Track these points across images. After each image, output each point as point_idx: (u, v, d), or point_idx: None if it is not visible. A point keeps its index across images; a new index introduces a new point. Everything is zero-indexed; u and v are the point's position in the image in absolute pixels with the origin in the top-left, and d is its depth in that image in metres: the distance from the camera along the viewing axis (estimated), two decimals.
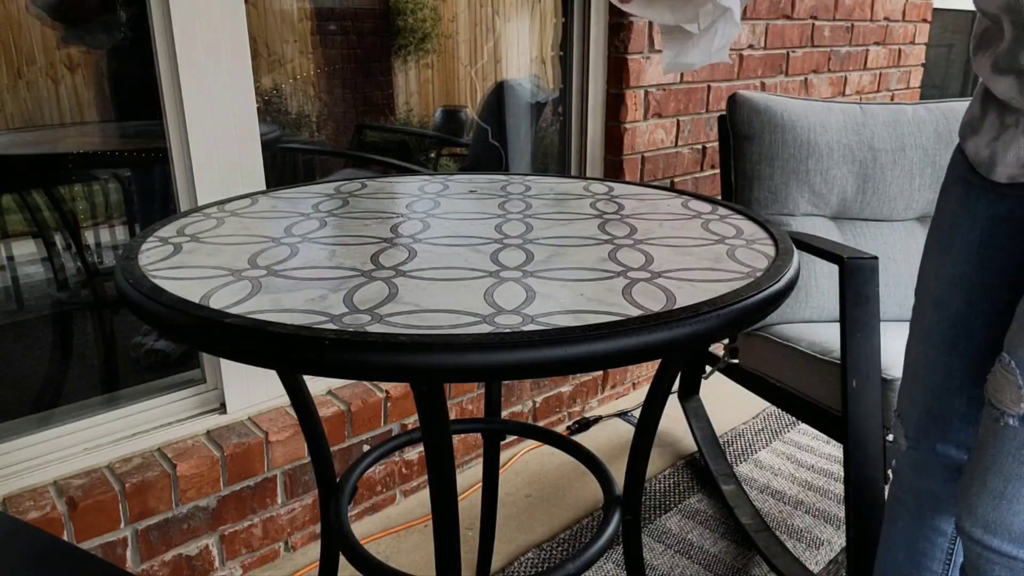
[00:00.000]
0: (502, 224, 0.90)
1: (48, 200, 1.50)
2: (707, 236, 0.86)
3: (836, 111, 1.68)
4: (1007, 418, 0.75)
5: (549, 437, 1.21)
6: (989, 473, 0.77)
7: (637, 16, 0.81)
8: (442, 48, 2.05)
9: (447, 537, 0.80)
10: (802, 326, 1.58)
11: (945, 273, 0.90)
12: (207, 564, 1.45)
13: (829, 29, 2.52)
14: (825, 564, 1.54)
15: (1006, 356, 0.76)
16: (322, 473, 1.07)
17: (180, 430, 1.45)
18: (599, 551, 0.95)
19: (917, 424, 0.96)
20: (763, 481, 1.83)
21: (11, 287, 1.48)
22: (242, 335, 0.59)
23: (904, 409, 0.99)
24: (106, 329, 1.59)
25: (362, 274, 0.72)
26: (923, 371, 0.94)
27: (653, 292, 0.67)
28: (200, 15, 1.31)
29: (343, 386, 1.65)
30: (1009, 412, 0.75)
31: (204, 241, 0.82)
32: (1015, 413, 0.74)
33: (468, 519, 1.64)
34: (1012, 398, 0.74)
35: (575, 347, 0.58)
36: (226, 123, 1.39)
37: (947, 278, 0.90)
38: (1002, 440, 0.75)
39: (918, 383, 0.96)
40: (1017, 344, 0.75)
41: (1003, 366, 0.76)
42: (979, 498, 0.78)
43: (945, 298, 0.90)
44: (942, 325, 0.91)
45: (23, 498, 1.26)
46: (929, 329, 0.93)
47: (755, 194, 1.65)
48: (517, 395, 1.95)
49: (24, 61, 1.36)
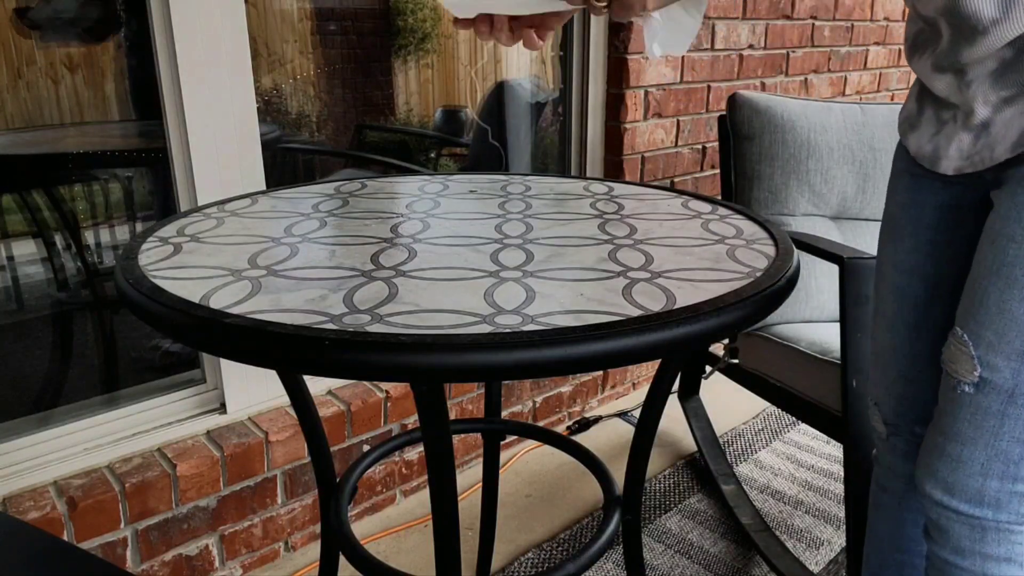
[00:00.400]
0: (502, 224, 0.90)
1: (48, 200, 1.50)
2: (707, 236, 0.86)
3: (836, 111, 1.68)
4: (963, 386, 0.79)
5: (549, 437, 1.21)
6: (947, 438, 0.81)
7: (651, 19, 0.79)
8: (442, 48, 2.05)
9: (447, 537, 0.80)
10: (802, 326, 1.58)
11: (900, 262, 0.94)
12: (207, 564, 1.45)
13: (829, 29, 2.52)
14: (825, 564, 1.54)
15: (959, 330, 0.80)
16: (322, 473, 1.07)
17: (180, 430, 1.45)
18: (599, 551, 0.95)
19: (893, 410, 0.99)
20: (763, 481, 1.83)
21: (11, 287, 1.48)
22: (242, 335, 0.59)
23: (879, 397, 1.02)
24: (106, 329, 1.59)
25: (362, 274, 0.72)
26: (891, 358, 0.98)
27: (653, 292, 0.67)
28: (200, 15, 1.31)
29: (343, 386, 1.65)
30: (964, 380, 0.79)
31: (204, 241, 0.82)
32: (969, 381, 0.78)
33: (468, 519, 1.64)
34: (966, 367, 0.79)
35: (575, 347, 0.58)
36: (226, 123, 1.39)
37: (903, 267, 0.94)
38: (958, 406, 0.80)
39: (888, 370, 0.99)
40: (967, 318, 0.79)
41: (956, 339, 0.80)
42: (939, 462, 0.82)
43: (904, 286, 0.94)
44: (904, 312, 0.95)
45: (23, 498, 1.26)
46: (892, 317, 0.96)
47: (755, 194, 1.65)
48: (517, 395, 1.95)
49: (24, 61, 1.36)
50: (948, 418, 0.81)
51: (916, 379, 0.96)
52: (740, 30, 2.22)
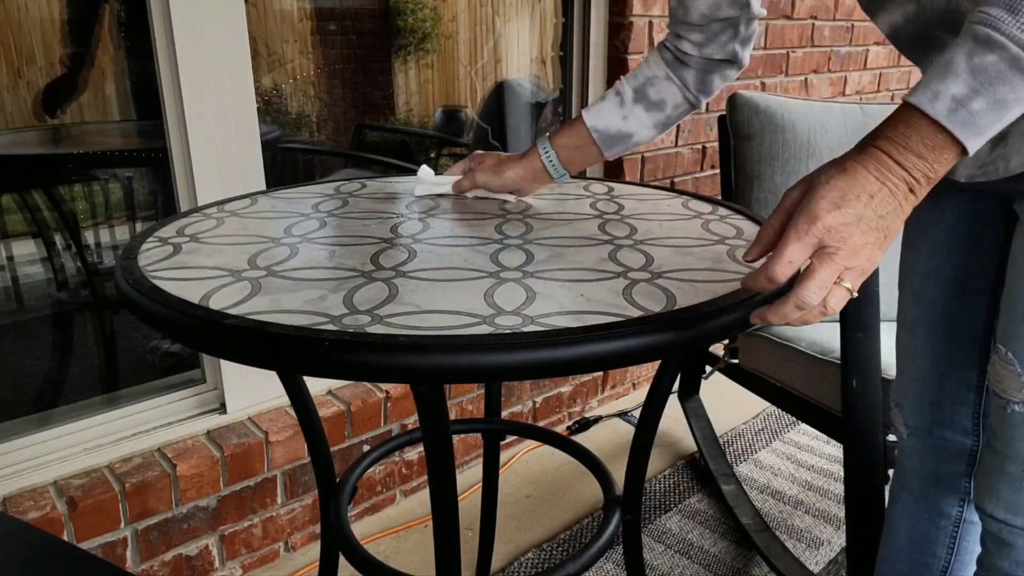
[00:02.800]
0: (502, 224, 0.90)
1: (48, 200, 1.50)
2: (707, 236, 0.86)
3: (836, 111, 1.68)
4: (1013, 405, 0.79)
5: (549, 437, 1.21)
6: (1006, 459, 0.81)
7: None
8: (442, 48, 2.05)
9: (447, 537, 0.80)
10: (802, 326, 1.58)
11: (920, 267, 0.95)
12: (207, 564, 1.45)
13: (829, 29, 2.52)
14: (825, 564, 1.54)
15: (1002, 348, 0.79)
16: (322, 473, 1.07)
17: (180, 430, 1.45)
18: (599, 551, 0.95)
19: (915, 412, 0.99)
20: (763, 481, 1.83)
21: (11, 287, 1.47)
22: (242, 336, 0.59)
23: (900, 399, 1.02)
24: (106, 329, 1.59)
25: (362, 275, 0.72)
26: (913, 361, 0.98)
27: (653, 293, 0.67)
28: (200, 15, 1.31)
29: (343, 386, 1.65)
30: (1014, 400, 0.78)
31: (204, 241, 0.82)
32: (1020, 399, 0.78)
33: (468, 519, 1.64)
34: (1015, 386, 0.78)
35: (575, 348, 0.58)
36: (226, 123, 1.39)
37: (922, 271, 0.94)
38: (1012, 426, 0.79)
39: (910, 373, 0.99)
40: (1010, 336, 0.78)
41: (1000, 358, 0.80)
42: (1000, 483, 0.82)
43: (923, 290, 0.94)
44: (924, 316, 0.95)
45: (23, 498, 1.26)
46: (913, 321, 0.97)
47: (755, 194, 1.65)
48: (517, 395, 1.95)
49: (24, 61, 1.36)
50: (1003, 439, 0.81)
51: (936, 382, 0.96)
52: None
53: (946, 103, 0.55)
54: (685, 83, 0.97)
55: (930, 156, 0.56)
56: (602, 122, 0.96)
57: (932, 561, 1.02)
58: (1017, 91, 0.55)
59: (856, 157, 0.57)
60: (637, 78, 0.98)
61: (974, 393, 0.94)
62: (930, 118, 0.55)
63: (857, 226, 0.55)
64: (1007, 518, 0.82)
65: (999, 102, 0.55)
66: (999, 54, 0.54)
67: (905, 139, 0.56)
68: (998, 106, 0.55)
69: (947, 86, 0.55)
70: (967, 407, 0.94)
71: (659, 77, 0.97)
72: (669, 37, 0.98)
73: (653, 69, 0.97)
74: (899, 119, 0.57)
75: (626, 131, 0.97)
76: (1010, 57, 0.54)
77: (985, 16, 0.55)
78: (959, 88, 0.55)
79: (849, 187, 0.56)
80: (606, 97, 0.98)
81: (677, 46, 0.96)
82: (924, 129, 0.56)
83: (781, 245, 0.57)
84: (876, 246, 0.56)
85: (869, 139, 0.58)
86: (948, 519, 1.00)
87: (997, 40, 0.54)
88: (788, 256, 0.56)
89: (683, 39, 0.95)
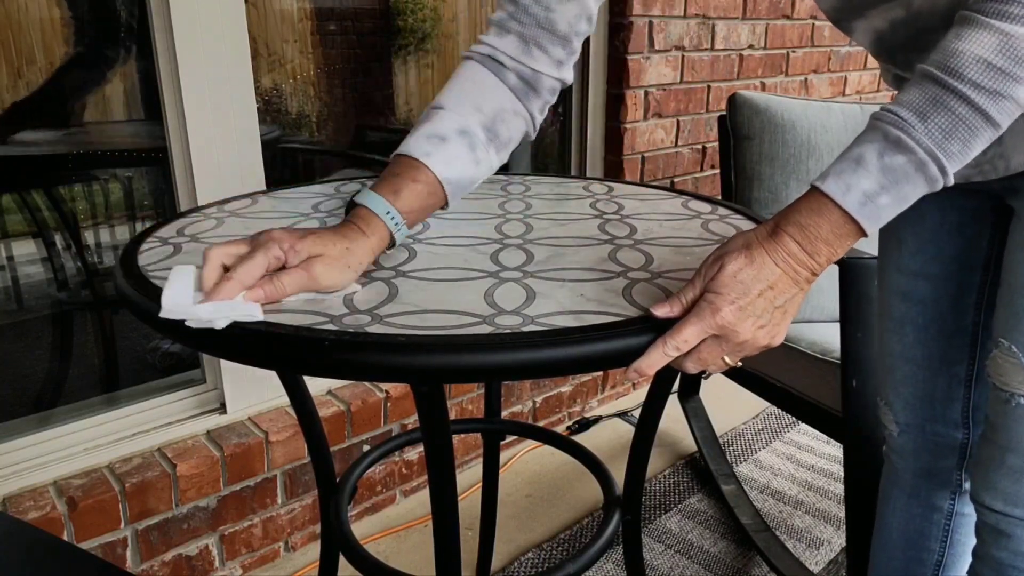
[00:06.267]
0: (502, 224, 0.90)
1: (48, 200, 1.50)
2: (707, 236, 0.86)
3: (836, 111, 1.68)
4: (1018, 398, 0.79)
5: (549, 437, 1.21)
6: (1007, 452, 0.81)
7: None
8: (442, 48, 2.05)
9: (447, 537, 0.80)
10: (802, 326, 1.58)
11: (905, 265, 0.95)
12: (207, 564, 1.45)
13: (829, 29, 2.52)
14: (825, 564, 1.54)
15: (1004, 342, 0.80)
16: (322, 473, 1.07)
17: (180, 430, 1.45)
18: (599, 551, 0.95)
19: (907, 410, 1.00)
20: (763, 481, 1.83)
21: (11, 287, 1.47)
22: (241, 336, 0.59)
23: (889, 397, 1.02)
24: (106, 329, 1.59)
25: (362, 274, 0.72)
26: (903, 360, 0.98)
27: (653, 292, 0.67)
28: (200, 15, 1.31)
29: (343, 386, 1.65)
30: (1019, 392, 0.79)
31: (204, 241, 0.82)
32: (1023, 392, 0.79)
33: (468, 519, 1.64)
34: (1019, 379, 0.78)
35: (575, 348, 0.58)
36: (226, 123, 1.39)
37: (907, 270, 0.94)
38: (1015, 419, 0.80)
39: (900, 372, 0.99)
40: (1012, 329, 0.79)
41: (1003, 351, 0.80)
42: (999, 475, 0.82)
43: (910, 289, 0.95)
44: (912, 314, 0.95)
45: (23, 498, 1.26)
46: (900, 319, 0.97)
47: (755, 194, 1.65)
48: (517, 395, 1.95)
49: (24, 61, 1.36)
50: (1004, 432, 0.81)
51: (927, 378, 0.96)
52: (740, 30, 2.22)
53: (857, 196, 0.59)
54: (532, 116, 0.83)
55: (836, 242, 0.60)
56: (455, 172, 0.76)
57: (926, 556, 1.02)
58: (918, 190, 0.59)
59: (765, 244, 0.60)
60: (483, 112, 0.78)
61: (964, 387, 0.94)
62: (841, 208, 0.59)
63: (754, 321, 0.60)
64: (1006, 509, 0.82)
65: (902, 198, 0.59)
66: (908, 157, 0.58)
67: (816, 228, 0.60)
68: (900, 201, 0.59)
69: (859, 180, 0.59)
70: (958, 401, 0.95)
71: (507, 111, 0.80)
72: (512, 50, 0.79)
73: (500, 99, 0.79)
74: (811, 206, 0.60)
75: (475, 177, 0.79)
76: (917, 161, 0.58)
77: (896, 119, 0.59)
78: (870, 184, 0.59)
79: (752, 281, 0.59)
80: (449, 139, 0.76)
81: (529, 65, 0.79)
82: (835, 219, 0.60)
83: (683, 323, 0.60)
84: (767, 331, 0.61)
85: (782, 221, 0.61)
86: (940, 512, 1.01)
87: (907, 144, 0.58)
88: (685, 335, 0.59)
89: (541, 53, 0.79)
